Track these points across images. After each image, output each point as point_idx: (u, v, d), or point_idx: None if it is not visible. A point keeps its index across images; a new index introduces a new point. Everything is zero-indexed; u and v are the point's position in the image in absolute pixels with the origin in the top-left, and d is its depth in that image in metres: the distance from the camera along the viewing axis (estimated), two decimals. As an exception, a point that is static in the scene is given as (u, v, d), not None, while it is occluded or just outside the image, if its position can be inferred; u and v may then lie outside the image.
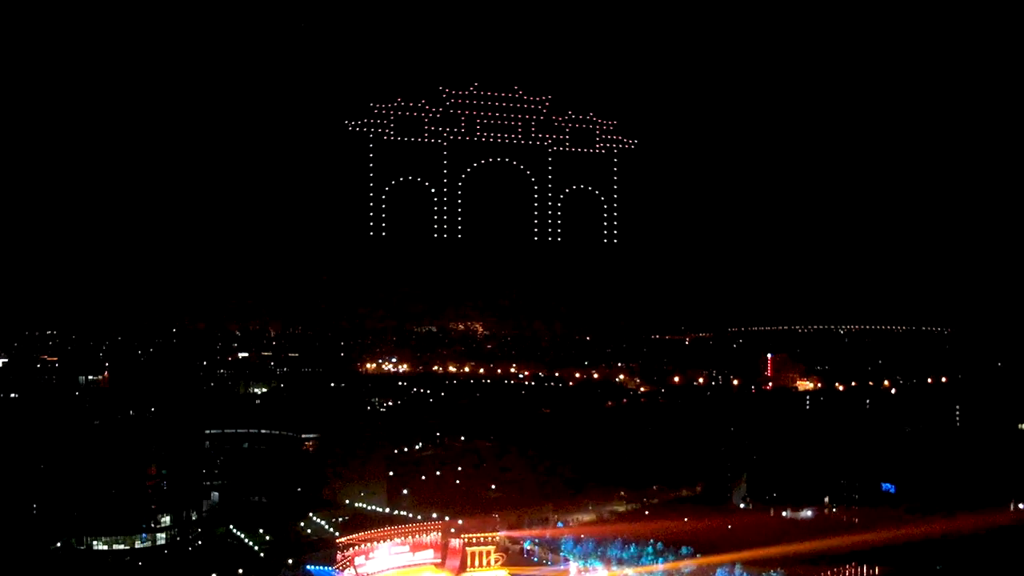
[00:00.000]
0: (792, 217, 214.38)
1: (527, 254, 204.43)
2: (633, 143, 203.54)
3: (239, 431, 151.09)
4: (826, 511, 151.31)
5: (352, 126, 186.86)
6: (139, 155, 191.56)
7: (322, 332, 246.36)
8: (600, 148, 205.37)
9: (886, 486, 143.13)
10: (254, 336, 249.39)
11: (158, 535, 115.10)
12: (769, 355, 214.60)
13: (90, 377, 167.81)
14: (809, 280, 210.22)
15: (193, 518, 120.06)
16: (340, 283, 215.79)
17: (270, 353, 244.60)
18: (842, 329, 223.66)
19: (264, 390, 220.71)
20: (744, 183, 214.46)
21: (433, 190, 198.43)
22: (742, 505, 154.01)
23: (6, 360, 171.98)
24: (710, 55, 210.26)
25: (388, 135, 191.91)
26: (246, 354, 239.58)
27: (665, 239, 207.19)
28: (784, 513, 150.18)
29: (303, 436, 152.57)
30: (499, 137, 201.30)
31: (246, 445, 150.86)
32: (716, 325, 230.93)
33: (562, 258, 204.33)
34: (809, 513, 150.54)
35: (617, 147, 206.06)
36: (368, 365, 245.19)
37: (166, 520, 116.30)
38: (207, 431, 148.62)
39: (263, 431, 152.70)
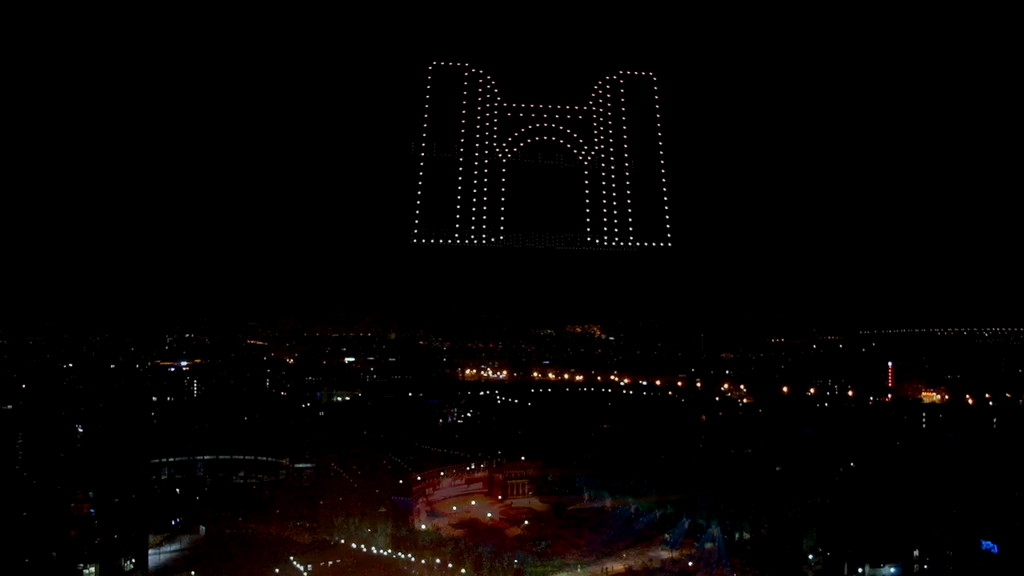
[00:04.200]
0: (940, 207, 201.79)
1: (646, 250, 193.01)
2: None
3: (235, 457, 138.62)
4: (916, 568, 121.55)
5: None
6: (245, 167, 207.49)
7: (422, 338, 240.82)
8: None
9: (987, 544, 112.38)
10: (364, 341, 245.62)
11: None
12: (890, 363, 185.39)
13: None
14: (959, 277, 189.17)
15: (129, 567, 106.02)
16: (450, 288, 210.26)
17: (375, 358, 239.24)
18: (987, 332, 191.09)
19: (347, 397, 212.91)
20: (890, 170, 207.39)
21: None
22: (811, 556, 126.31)
23: None
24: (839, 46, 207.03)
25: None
26: (353, 359, 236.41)
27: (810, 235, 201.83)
28: (859, 571, 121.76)
29: (299, 465, 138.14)
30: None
31: (242, 473, 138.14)
32: (848, 327, 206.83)
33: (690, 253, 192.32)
34: (892, 571, 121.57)
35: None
36: (466, 371, 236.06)
37: (91, 571, 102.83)
38: (200, 457, 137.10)
39: (260, 458, 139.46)
